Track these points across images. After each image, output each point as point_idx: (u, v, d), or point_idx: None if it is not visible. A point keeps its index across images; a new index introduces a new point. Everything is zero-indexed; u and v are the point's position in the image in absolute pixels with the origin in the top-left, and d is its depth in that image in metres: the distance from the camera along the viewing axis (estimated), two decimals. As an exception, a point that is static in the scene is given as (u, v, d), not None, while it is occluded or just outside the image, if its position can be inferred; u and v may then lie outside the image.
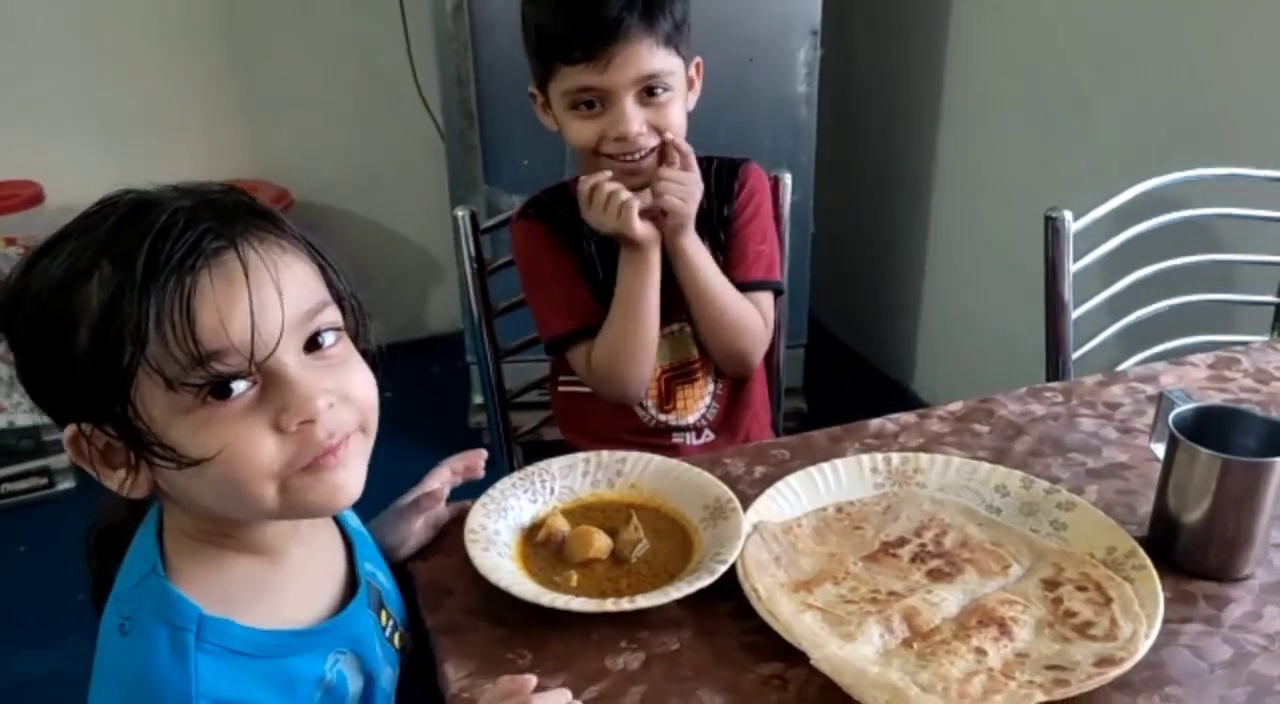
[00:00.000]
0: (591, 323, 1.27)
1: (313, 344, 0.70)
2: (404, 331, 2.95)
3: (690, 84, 1.24)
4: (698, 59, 1.25)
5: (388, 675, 0.84)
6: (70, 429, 0.68)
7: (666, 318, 1.27)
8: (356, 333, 0.76)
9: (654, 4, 1.15)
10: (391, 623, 0.87)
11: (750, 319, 1.28)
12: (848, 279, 2.80)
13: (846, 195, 2.67)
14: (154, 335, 0.63)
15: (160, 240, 0.64)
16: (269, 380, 0.67)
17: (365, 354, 0.76)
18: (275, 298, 0.67)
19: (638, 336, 1.24)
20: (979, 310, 2.37)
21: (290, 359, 0.68)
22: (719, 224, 1.30)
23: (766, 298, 1.32)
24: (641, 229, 1.19)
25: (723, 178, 1.31)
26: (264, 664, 0.73)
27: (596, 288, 1.28)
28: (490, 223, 1.42)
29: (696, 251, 1.23)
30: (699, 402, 1.35)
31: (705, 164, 1.29)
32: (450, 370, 2.74)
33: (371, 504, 0.97)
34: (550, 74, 1.19)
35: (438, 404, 2.64)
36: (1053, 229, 1.34)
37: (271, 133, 2.60)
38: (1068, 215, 1.34)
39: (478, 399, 2.47)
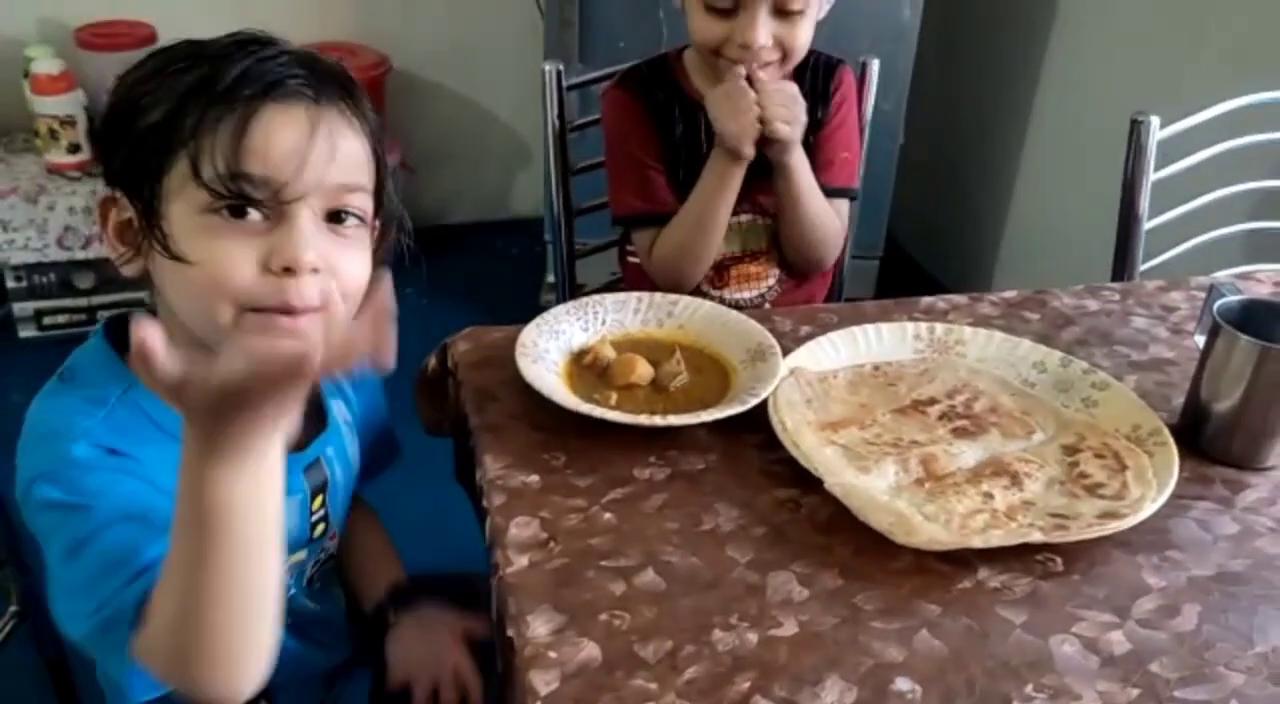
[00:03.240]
0: (662, 210, 1.29)
1: (334, 219, 0.74)
2: (487, 211, 3.00)
3: None
4: None
5: (296, 558, 0.89)
6: (105, 192, 0.76)
7: (738, 207, 1.27)
8: (383, 238, 0.81)
9: None
10: (323, 512, 0.90)
11: (833, 229, 1.31)
12: (931, 197, 2.76)
13: (941, 110, 2.63)
14: (209, 133, 0.69)
15: (259, 63, 0.71)
16: (279, 221, 0.71)
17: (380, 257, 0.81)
18: (326, 155, 0.71)
19: (703, 243, 1.26)
20: (1063, 235, 2.33)
21: (307, 213, 0.71)
22: (810, 126, 1.28)
23: (845, 205, 1.34)
24: (750, 151, 1.19)
25: (818, 78, 1.30)
26: (174, 446, 0.73)
27: (675, 177, 1.29)
28: (576, 80, 1.45)
29: (800, 166, 1.24)
30: (757, 283, 1.38)
31: (805, 58, 1.28)
32: (527, 252, 2.80)
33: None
34: None
35: (509, 282, 2.70)
36: (1137, 133, 1.32)
37: (378, -2, 2.64)
38: (1154, 121, 1.32)
39: (550, 278, 2.53)
